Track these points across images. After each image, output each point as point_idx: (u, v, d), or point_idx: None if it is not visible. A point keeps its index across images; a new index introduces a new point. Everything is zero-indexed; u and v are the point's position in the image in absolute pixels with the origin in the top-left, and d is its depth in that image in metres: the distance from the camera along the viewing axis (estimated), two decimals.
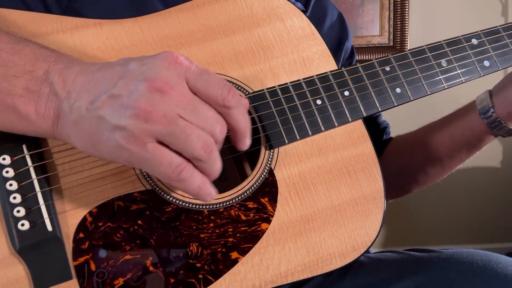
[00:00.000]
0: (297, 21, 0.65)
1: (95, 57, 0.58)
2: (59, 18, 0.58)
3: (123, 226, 0.52)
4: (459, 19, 1.94)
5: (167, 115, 0.41)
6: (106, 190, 0.53)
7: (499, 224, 2.14)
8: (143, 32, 0.60)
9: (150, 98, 0.41)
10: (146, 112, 0.41)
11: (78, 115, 0.44)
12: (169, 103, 0.42)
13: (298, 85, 0.61)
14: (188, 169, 0.43)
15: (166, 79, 0.42)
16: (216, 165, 0.45)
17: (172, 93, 0.42)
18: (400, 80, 0.64)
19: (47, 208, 0.50)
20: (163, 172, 0.42)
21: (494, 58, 0.68)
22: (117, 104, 0.42)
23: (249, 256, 0.54)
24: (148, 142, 0.42)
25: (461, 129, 0.71)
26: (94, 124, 0.43)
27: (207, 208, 0.55)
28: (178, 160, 0.42)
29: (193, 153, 0.42)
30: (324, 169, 0.59)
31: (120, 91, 0.42)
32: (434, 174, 0.77)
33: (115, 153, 0.43)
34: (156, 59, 0.44)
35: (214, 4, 0.63)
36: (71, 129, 0.45)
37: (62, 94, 0.45)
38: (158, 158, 0.42)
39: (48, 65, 0.47)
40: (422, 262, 0.57)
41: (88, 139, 0.44)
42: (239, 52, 0.62)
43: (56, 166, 0.52)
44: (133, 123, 0.41)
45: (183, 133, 0.42)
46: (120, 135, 0.41)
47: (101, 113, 0.42)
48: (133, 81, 0.42)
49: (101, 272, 0.51)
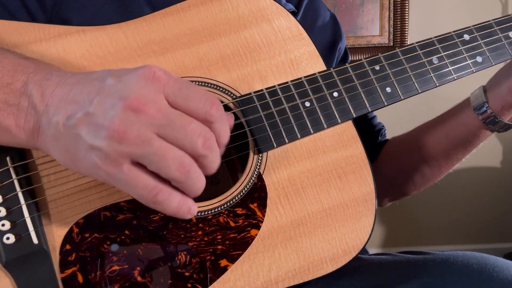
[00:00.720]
0: (284, 22, 0.64)
1: (80, 64, 0.57)
2: (41, 27, 0.58)
3: (110, 237, 0.52)
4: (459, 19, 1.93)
5: (141, 135, 0.40)
6: (92, 201, 0.52)
7: (498, 224, 2.15)
8: (128, 37, 0.59)
9: (124, 118, 0.40)
10: (119, 133, 0.40)
11: (56, 130, 0.43)
12: (143, 122, 0.41)
13: (286, 87, 0.60)
14: (164, 191, 0.42)
15: (141, 97, 0.41)
16: (196, 185, 0.44)
17: (147, 111, 0.41)
18: (390, 79, 0.63)
19: (32, 221, 0.50)
20: (139, 195, 0.42)
21: (487, 54, 0.66)
22: (92, 123, 0.41)
23: (239, 263, 0.54)
24: (124, 163, 0.41)
25: (456, 126, 0.70)
26: (71, 141, 0.43)
27: (195, 216, 0.54)
28: (153, 183, 0.42)
29: (168, 174, 0.41)
30: (314, 172, 0.59)
31: (95, 109, 0.42)
32: (431, 174, 0.76)
33: (93, 171, 0.43)
34: (133, 75, 0.43)
35: (200, 7, 0.62)
36: (51, 143, 0.45)
37: (41, 107, 0.45)
38: (133, 180, 0.41)
39: (27, 77, 0.46)
40: (417, 265, 0.56)
41: (66, 155, 0.44)
42: (225, 56, 0.61)
43: (41, 178, 0.52)
44: (107, 144, 0.40)
45: (157, 155, 0.41)
46: (96, 155, 0.41)
47: (78, 131, 0.42)
48: (108, 99, 0.42)
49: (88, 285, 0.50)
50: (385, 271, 0.58)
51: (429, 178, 0.77)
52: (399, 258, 0.60)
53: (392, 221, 2.08)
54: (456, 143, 0.71)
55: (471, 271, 0.52)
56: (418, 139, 0.75)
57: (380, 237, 2.14)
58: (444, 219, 2.13)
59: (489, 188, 2.09)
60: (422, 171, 0.76)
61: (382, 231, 2.13)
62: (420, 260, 0.57)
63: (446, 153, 0.72)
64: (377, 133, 0.82)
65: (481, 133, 0.68)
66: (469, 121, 0.68)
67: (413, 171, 0.77)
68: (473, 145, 0.70)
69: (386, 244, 2.14)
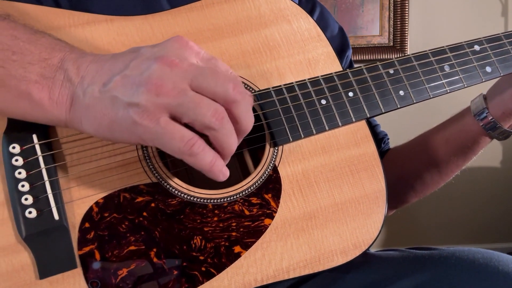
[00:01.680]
0: (304, 23, 0.66)
1: (106, 51, 0.59)
2: (71, 13, 0.60)
3: (128, 218, 0.53)
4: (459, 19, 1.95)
5: (177, 87, 0.43)
6: (112, 181, 0.54)
7: (499, 224, 2.14)
8: (153, 29, 0.61)
9: (160, 73, 0.43)
10: (157, 86, 0.42)
11: (91, 97, 0.45)
12: (178, 75, 0.43)
13: (304, 84, 0.62)
14: (200, 143, 0.44)
15: (175, 55, 0.44)
16: (230, 137, 0.45)
17: (181, 65, 0.44)
18: (403, 82, 0.65)
19: (54, 197, 0.51)
20: (175, 146, 0.43)
21: (496, 64, 0.69)
22: (130, 83, 0.44)
23: (252, 250, 0.55)
24: (161, 116, 0.43)
25: (456, 132, 0.73)
26: (108, 105, 0.44)
27: (211, 202, 0.55)
28: (190, 134, 0.43)
29: (204, 121, 0.43)
30: (327, 167, 0.60)
31: (132, 71, 0.44)
32: (431, 181, 0.77)
33: (129, 130, 0.44)
34: (167, 41, 0.46)
35: (223, 4, 0.64)
36: (84, 113, 0.46)
37: (76, 79, 0.46)
38: (171, 132, 0.43)
39: (64, 54, 0.48)
40: (424, 260, 0.57)
41: (101, 121, 0.45)
42: (246, 52, 0.63)
43: (64, 156, 0.53)
44: (146, 98, 0.42)
45: (192, 102, 0.43)
46: (133, 111, 0.43)
47: (115, 93, 0.44)
48: (145, 61, 0.44)
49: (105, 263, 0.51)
50: (392, 265, 0.59)
51: (430, 185, 0.78)
52: (406, 254, 0.61)
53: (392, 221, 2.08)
54: (456, 149, 0.73)
55: (478, 265, 0.53)
56: (419, 145, 0.77)
57: (380, 237, 2.13)
58: (444, 219, 2.12)
59: (489, 188, 2.09)
60: (423, 178, 0.77)
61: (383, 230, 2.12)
62: (426, 255, 0.58)
63: (446, 159, 0.74)
64: (379, 142, 0.84)
65: (481, 139, 0.71)
66: (469, 127, 0.70)
67: (413, 178, 0.78)
68: (472, 151, 0.72)
69: (386, 244, 2.13)
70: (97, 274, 0.51)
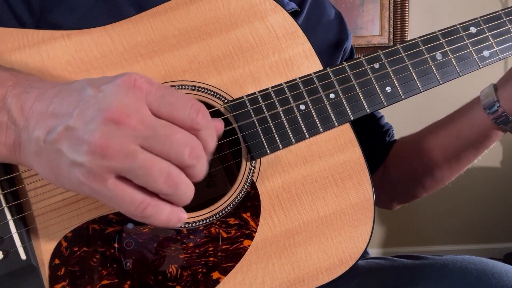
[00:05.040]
0: (278, 19, 0.61)
1: (65, 71, 0.55)
2: (25, 32, 0.56)
3: (99, 250, 0.51)
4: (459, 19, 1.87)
5: (124, 148, 0.38)
6: (80, 214, 0.51)
7: (498, 224, 2.14)
8: (114, 41, 0.57)
9: (106, 131, 0.38)
10: (102, 148, 0.38)
11: (37, 146, 0.42)
12: (125, 134, 0.39)
13: (280, 90, 0.57)
14: (153, 205, 0.40)
15: (122, 108, 0.39)
16: (186, 195, 0.42)
17: (129, 122, 0.39)
18: (390, 78, 0.60)
19: (20, 236, 0.49)
20: (126, 210, 0.40)
21: (495, 47, 0.63)
22: (73, 138, 0.40)
23: (231, 275, 0.53)
24: (108, 178, 0.39)
25: (467, 127, 0.66)
26: (53, 157, 0.41)
27: (186, 227, 0.53)
28: (141, 197, 0.40)
29: (156, 188, 0.40)
30: (310, 178, 0.57)
31: (75, 122, 0.40)
32: (441, 177, 0.73)
33: (77, 187, 0.41)
34: (113, 85, 0.41)
35: (189, 5, 0.59)
36: (33, 159, 0.43)
37: (21, 122, 0.43)
38: (119, 196, 0.39)
39: (6, 91, 0.45)
40: (415, 271, 0.54)
41: (50, 171, 0.42)
42: (216, 57, 0.58)
43: (27, 192, 0.51)
44: (90, 159, 0.38)
45: (142, 168, 0.39)
46: (79, 171, 0.39)
47: (59, 147, 0.40)
48: (88, 111, 0.40)
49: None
50: (382, 278, 0.56)
51: (440, 180, 0.74)
52: (397, 264, 0.58)
53: (392, 221, 2.09)
54: (467, 144, 0.67)
55: (470, 278, 0.50)
56: (428, 140, 0.72)
57: (380, 237, 2.15)
58: (444, 219, 2.14)
59: (489, 188, 2.09)
60: (433, 173, 0.73)
61: (382, 231, 2.14)
62: (418, 266, 0.55)
63: (457, 154, 0.69)
64: (384, 134, 0.79)
65: (493, 133, 0.65)
66: (480, 121, 0.64)
67: (423, 173, 0.74)
68: (484, 146, 0.67)
69: (386, 244, 2.15)
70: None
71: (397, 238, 2.14)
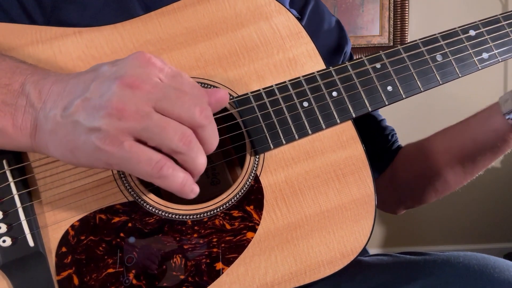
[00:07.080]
0: (283, 20, 0.62)
1: (75, 66, 0.57)
2: (37, 29, 0.58)
3: (105, 239, 0.52)
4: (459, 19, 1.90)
5: (140, 110, 0.40)
6: (88, 203, 0.53)
7: (498, 224, 2.14)
8: (123, 39, 0.59)
9: (121, 96, 0.41)
10: (118, 110, 0.40)
11: (53, 123, 0.43)
12: (140, 97, 0.41)
13: (284, 87, 0.59)
14: (169, 165, 0.42)
15: (136, 75, 0.42)
16: (199, 159, 0.43)
17: (143, 87, 0.41)
18: (391, 77, 0.61)
19: (28, 224, 0.50)
20: (143, 170, 0.41)
21: (494, 50, 0.64)
22: (90, 106, 0.41)
23: (234, 266, 0.53)
24: (125, 140, 0.41)
25: (484, 131, 0.67)
26: (70, 130, 0.43)
27: (190, 219, 0.54)
28: (157, 156, 0.41)
29: (171, 146, 0.41)
30: (312, 173, 0.58)
31: (92, 93, 0.42)
32: (454, 181, 0.73)
33: (93, 156, 0.42)
34: (127, 58, 0.44)
35: (196, 6, 0.61)
36: (48, 138, 0.44)
37: (38, 104, 0.45)
38: (136, 155, 0.41)
39: (25, 78, 0.47)
40: (418, 266, 0.55)
41: (65, 146, 0.43)
42: (222, 55, 0.60)
43: (37, 181, 0.52)
44: (107, 122, 0.40)
45: (158, 127, 0.41)
46: (96, 137, 0.41)
47: (76, 118, 0.42)
48: (104, 82, 0.42)
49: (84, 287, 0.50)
50: (385, 272, 0.56)
51: (452, 184, 0.74)
52: (400, 259, 0.59)
53: (392, 221, 2.08)
54: (484, 149, 0.68)
55: (472, 272, 0.51)
56: (441, 143, 0.72)
57: (380, 237, 2.15)
58: (444, 219, 2.13)
59: (489, 188, 2.08)
60: (446, 177, 0.73)
61: (382, 231, 2.13)
62: (420, 261, 0.56)
63: (473, 159, 0.69)
64: (386, 137, 0.80)
65: (510, 137, 0.65)
66: (498, 125, 0.65)
67: (435, 177, 0.74)
68: (502, 150, 0.67)
69: (386, 244, 2.14)
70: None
71: (397, 238, 2.13)
